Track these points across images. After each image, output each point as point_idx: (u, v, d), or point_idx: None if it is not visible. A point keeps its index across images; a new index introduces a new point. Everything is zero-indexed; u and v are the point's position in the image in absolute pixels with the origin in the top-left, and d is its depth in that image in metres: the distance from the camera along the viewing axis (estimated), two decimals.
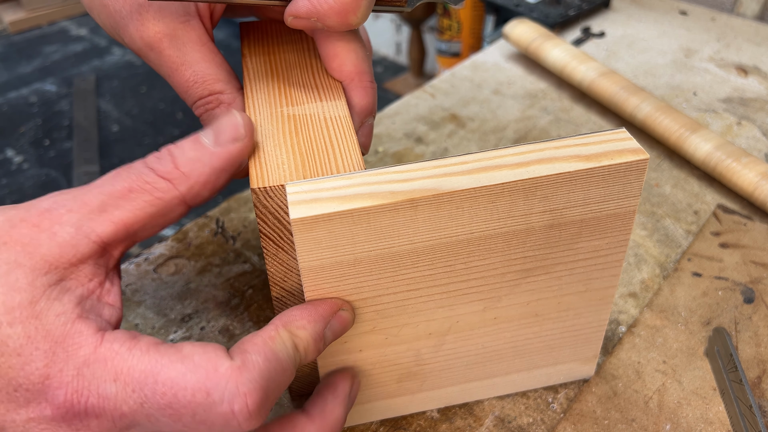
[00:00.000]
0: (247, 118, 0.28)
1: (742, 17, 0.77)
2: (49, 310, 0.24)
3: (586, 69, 0.60)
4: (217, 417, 0.23)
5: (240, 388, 0.23)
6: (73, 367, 0.23)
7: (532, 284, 0.30)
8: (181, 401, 0.23)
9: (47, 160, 1.51)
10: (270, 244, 0.28)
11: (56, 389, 0.23)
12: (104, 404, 0.23)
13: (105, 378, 0.23)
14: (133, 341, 0.24)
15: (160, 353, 0.24)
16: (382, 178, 0.26)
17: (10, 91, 1.76)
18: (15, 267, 0.24)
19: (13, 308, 0.23)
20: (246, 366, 0.24)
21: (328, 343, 0.28)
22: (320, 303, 0.27)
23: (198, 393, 0.23)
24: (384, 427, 0.35)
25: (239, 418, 0.23)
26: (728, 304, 0.41)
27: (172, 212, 0.27)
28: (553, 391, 0.36)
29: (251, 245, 0.46)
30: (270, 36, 0.37)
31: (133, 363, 0.23)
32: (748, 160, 0.49)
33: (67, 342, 0.23)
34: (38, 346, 0.23)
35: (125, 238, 0.26)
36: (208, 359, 0.24)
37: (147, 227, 0.27)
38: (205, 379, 0.23)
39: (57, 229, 0.25)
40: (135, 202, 0.26)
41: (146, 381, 0.23)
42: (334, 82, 0.33)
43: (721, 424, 0.35)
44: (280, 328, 0.26)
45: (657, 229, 0.47)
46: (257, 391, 0.24)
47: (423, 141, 0.57)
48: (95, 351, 0.23)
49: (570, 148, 0.27)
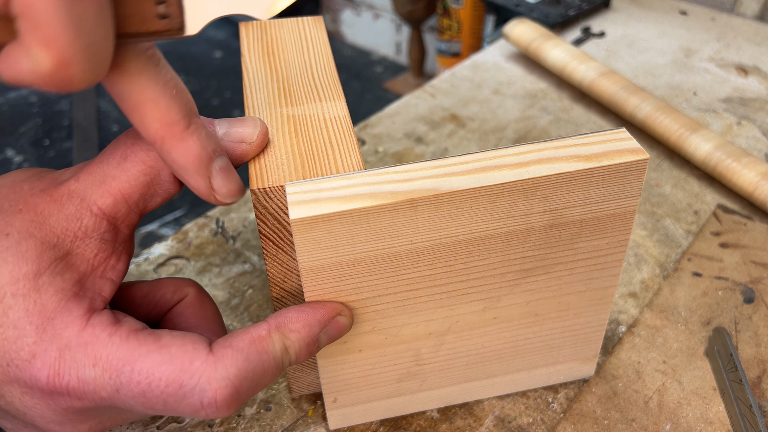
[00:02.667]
0: (266, 128, 0.28)
1: (742, 17, 0.77)
2: (50, 285, 0.24)
3: (586, 69, 0.60)
4: (187, 407, 0.24)
5: (212, 383, 0.24)
6: (56, 349, 0.24)
7: (532, 284, 0.30)
8: (154, 391, 0.24)
9: (47, 160, 1.51)
10: (270, 245, 0.28)
11: (39, 370, 0.23)
12: (84, 387, 0.24)
13: (84, 363, 0.24)
14: (115, 327, 0.24)
15: (138, 341, 0.24)
16: (382, 178, 0.26)
17: (10, 91, 1.76)
18: (27, 237, 0.24)
19: (18, 279, 0.23)
20: (222, 362, 0.24)
21: (322, 346, 0.28)
22: (318, 307, 0.27)
23: (171, 385, 0.24)
24: (384, 427, 0.35)
25: (207, 410, 0.24)
26: (728, 304, 0.41)
27: (165, 182, 0.27)
28: (553, 391, 0.36)
29: (251, 245, 0.46)
30: (270, 36, 0.37)
31: (112, 350, 0.24)
32: (748, 160, 0.49)
33: (57, 320, 0.24)
34: (32, 321, 0.23)
35: (127, 210, 0.27)
36: (185, 352, 0.24)
37: (146, 197, 0.27)
38: (179, 371, 0.24)
39: (65, 201, 0.25)
40: (129, 173, 0.26)
41: (123, 369, 0.24)
42: (334, 83, 0.33)
43: (721, 424, 0.35)
44: (272, 330, 0.26)
45: (657, 229, 0.47)
46: (227, 388, 0.24)
47: (423, 141, 0.57)
48: (78, 334, 0.24)
49: (570, 148, 0.27)
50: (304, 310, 0.27)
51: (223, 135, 0.27)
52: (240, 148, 0.27)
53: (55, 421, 0.25)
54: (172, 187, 0.27)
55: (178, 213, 1.32)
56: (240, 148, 0.27)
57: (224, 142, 0.27)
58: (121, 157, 0.26)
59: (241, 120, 0.28)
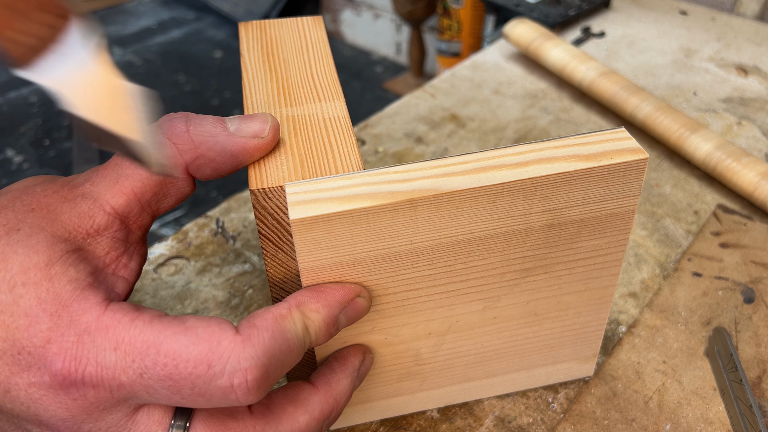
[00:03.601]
0: (277, 124, 0.28)
1: (742, 17, 0.77)
2: (63, 275, 0.24)
3: (586, 69, 0.60)
4: (216, 390, 0.23)
5: (242, 363, 0.23)
6: (74, 334, 0.23)
7: (532, 284, 0.30)
8: (182, 373, 0.23)
9: (47, 160, 1.51)
10: (269, 245, 0.28)
11: (55, 355, 0.23)
12: (102, 373, 0.23)
13: (105, 347, 0.23)
14: (137, 312, 0.24)
15: (163, 324, 0.24)
16: (382, 178, 0.26)
17: (10, 91, 1.76)
18: (37, 230, 0.24)
19: (29, 268, 0.23)
20: (250, 341, 0.23)
21: (341, 328, 0.27)
22: (338, 288, 0.27)
23: (199, 365, 0.23)
24: (384, 427, 0.35)
25: (238, 392, 0.23)
26: (728, 304, 0.41)
27: (178, 181, 0.27)
28: (553, 391, 0.36)
29: (251, 245, 0.46)
30: (269, 36, 0.37)
31: (135, 333, 0.23)
32: (748, 160, 0.49)
33: (73, 307, 0.23)
34: (45, 308, 0.23)
35: (140, 210, 0.27)
36: (212, 333, 0.23)
37: (159, 197, 0.27)
38: (208, 352, 0.23)
39: (79, 201, 0.26)
40: (142, 171, 0.26)
41: (148, 351, 0.23)
42: (333, 83, 0.33)
43: (721, 424, 0.35)
44: (293, 308, 0.25)
45: (657, 229, 0.47)
46: (258, 368, 0.23)
47: (423, 141, 0.57)
48: (98, 319, 0.23)
49: (569, 148, 0.27)
50: (323, 291, 0.26)
51: (235, 130, 0.27)
52: (252, 143, 0.27)
53: (58, 416, 0.24)
54: (185, 187, 0.28)
55: (178, 213, 1.32)
56: (252, 142, 0.27)
57: (237, 137, 0.27)
58: None
59: (252, 116, 0.28)
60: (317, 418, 0.27)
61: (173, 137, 0.27)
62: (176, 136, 0.27)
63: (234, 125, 0.27)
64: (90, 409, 0.24)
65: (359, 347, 0.30)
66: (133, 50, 1.92)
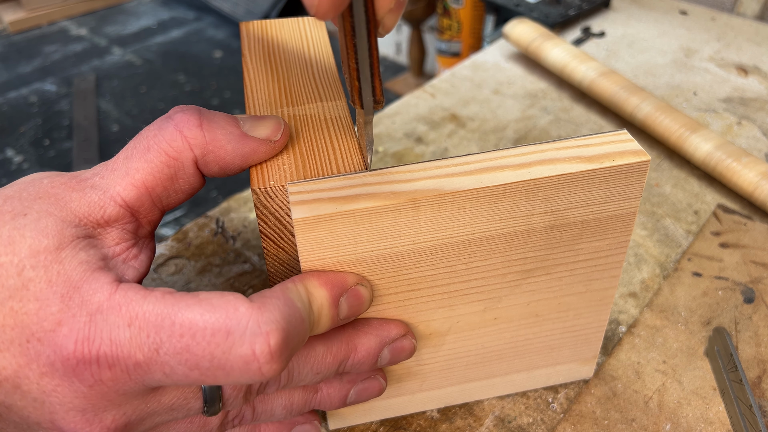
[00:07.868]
0: (288, 128, 0.28)
1: (742, 17, 0.77)
2: (73, 258, 0.23)
3: (586, 69, 0.60)
4: (237, 360, 0.22)
5: (262, 327, 0.22)
6: (86, 314, 0.22)
7: (533, 285, 0.30)
8: (200, 343, 0.22)
9: (47, 160, 1.51)
10: (270, 245, 0.28)
11: (66, 337, 0.22)
12: (117, 351, 0.22)
13: (118, 324, 0.22)
14: (148, 290, 0.23)
15: (175, 298, 0.23)
16: (384, 178, 0.26)
17: (10, 91, 1.76)
18: (46, 215, 0.24)
19: (38, 252, 0.23)
20: (267, 306, 0.23)
21: (343, 316, 0.27)
22: (337, 272, 0.27)
23: (217, 333, 0.22)
24: (384, 427, 0.35)
25: (260, 360, 0.22)
26: (728, 303, 0.41)
27: (188, 175, 0.27)
28: (553, 391, 0.36)
29: (251, 245, 0.46)
30: (270, 36, 0.37)
31: (148, 308, 0.22)
32: (748, 159, 0.49)
33: (84, 288, 0.23)
34: (56, 290, 0.23)
35: (150, 205, 0.27)
36: (227, 301, 0.23)
37: (168, 190, 0.27)
38: (225, 319, 0.22)
39: (88, 191, 0.25)
40: (153, 164, 0.26)
41: (162, 324, 0.22)
42: (334, 82, 0.33)
43: (721, 424, 0.35)
44: (297, 282, 0.25)
45: (657, 229, 0.47)
46: (279, 332, 0.22)
47: (423, 141, 0.57)
48: (110, 297, 0.23)
49: (572, 149, 0.27)
50: (324, 273, 0.26)
51: (247, 131, 0.27)
52: (265, 146, 0.27)
53: (76, 407, 0.23)
54: (195, 182, 0.27)
55: (178, 213, 1.32)
56: (265, 145, 0.27)
57: (250, 138, 0.27)
58: (144, 149, 0.26)
59: (264, 118, 0.28)
60: (334, 353, 0.28)
61: (185, 129, 0.26)
62: (188, 128, 0.26)
63: (246, 125, 0.27)
64: (109, 394, 0.23)
65: (404, 324, 0.30)
66: (133, 50, 1.92)
